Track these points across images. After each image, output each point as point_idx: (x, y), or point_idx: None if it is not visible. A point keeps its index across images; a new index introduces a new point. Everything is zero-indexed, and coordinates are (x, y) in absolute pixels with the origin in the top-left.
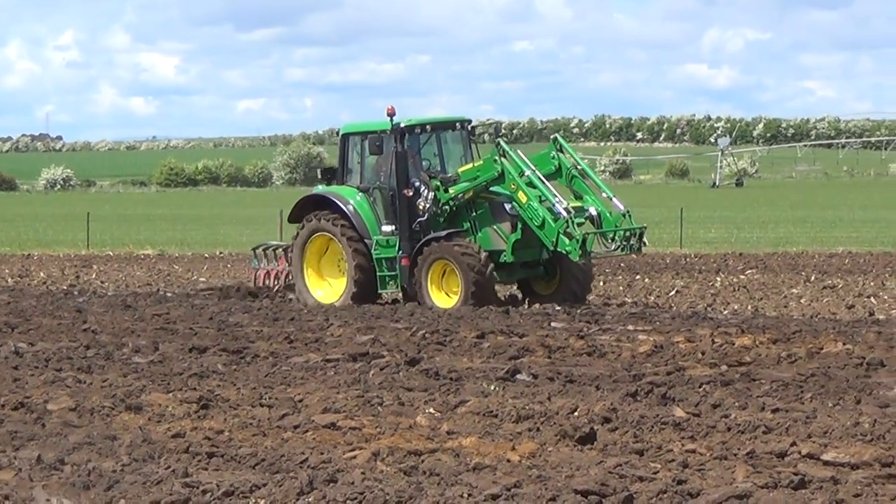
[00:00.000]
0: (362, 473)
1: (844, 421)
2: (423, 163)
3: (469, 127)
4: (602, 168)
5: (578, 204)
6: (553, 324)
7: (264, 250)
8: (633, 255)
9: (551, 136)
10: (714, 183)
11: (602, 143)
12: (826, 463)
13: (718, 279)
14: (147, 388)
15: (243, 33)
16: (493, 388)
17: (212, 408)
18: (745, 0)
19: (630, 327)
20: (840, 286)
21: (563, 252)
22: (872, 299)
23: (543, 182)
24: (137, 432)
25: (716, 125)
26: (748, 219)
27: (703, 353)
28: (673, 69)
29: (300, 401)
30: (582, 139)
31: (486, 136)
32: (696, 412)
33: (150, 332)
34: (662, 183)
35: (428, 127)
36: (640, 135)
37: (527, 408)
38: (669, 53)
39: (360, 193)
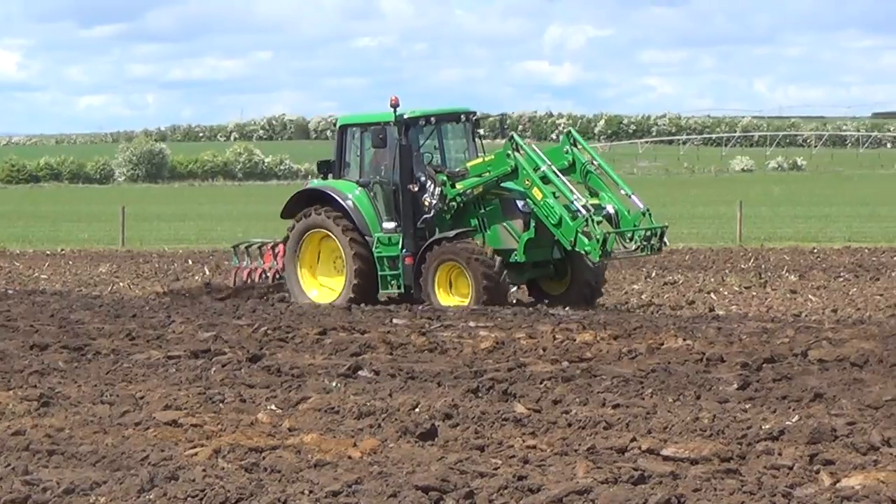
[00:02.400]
0: (203, 471)
1: (684, 416)
2: (424, 156)
3: (474, 119)
4: None
5: (596, 201)
6: (395, 320)
7: (247, 248)
8: (653, 256)
9: (565, 130)
10: None
11: None
12: (666, 458)
13: None
14: None
15: (85, 29)
16: (334, 384)
17: (52, 405)
18: None
19: (472, 324)
20: (681, 282)
21: (583, 252)
22: (712, 295)
23: (560, 178)
24: None
25: (557, 122)
26: None
27: (544, 349)
28: (514, 66)
29: (141, 398)
30: None
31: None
32: (536, 408)
33: None
34: None
35: (432, 119)
36: (481, 132)
37: (368, 404)
38: (511, 50)
39: (360, 188)
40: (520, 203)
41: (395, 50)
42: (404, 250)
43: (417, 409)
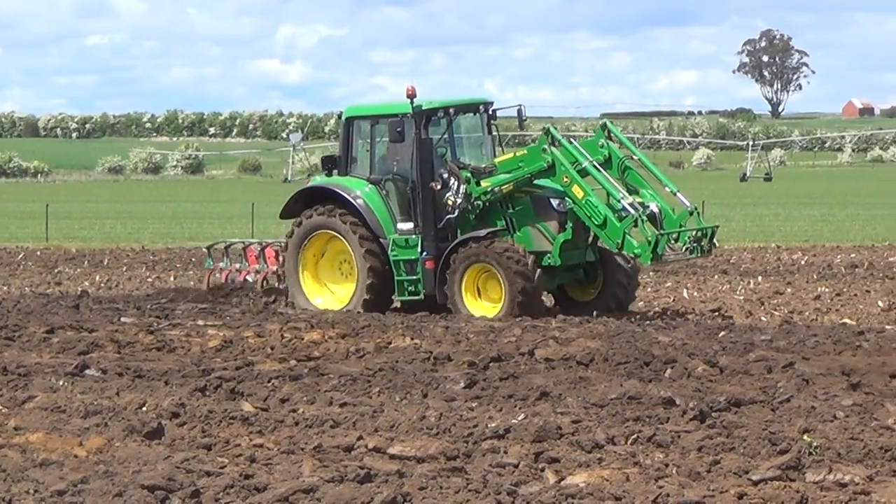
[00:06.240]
0: None
1: (411, 415)
2: (439, 150)
3: (491, 110)
4: (175, 163)
5: (638, 199)
6: (123, 319)
7: (226, 248)
8: (702, 259)
9: (600, 123)
10: (286, 178)
11: (175, 139)
12: (392, 457)
13: None
14: None
15: None
16: (61, 383)
17: None
18: None
19: (200, 322)
20: None
21: (631, 255)
22: None
23: (603, 173)
24: None
25: (288, 121)
26: None
27: (272, 348)
28: (246, 64)
29: None
30: (154, 134)
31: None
32: (264, 407)
33: None
34: (235, 178)
35: (451, 110)
36: (212, 130)
37: (95, 403)
38: (243, 49)
39: (370, 185)
40: (555, 202)
41: (127, 48)
42: (424, 253)
43: (144, 408)
